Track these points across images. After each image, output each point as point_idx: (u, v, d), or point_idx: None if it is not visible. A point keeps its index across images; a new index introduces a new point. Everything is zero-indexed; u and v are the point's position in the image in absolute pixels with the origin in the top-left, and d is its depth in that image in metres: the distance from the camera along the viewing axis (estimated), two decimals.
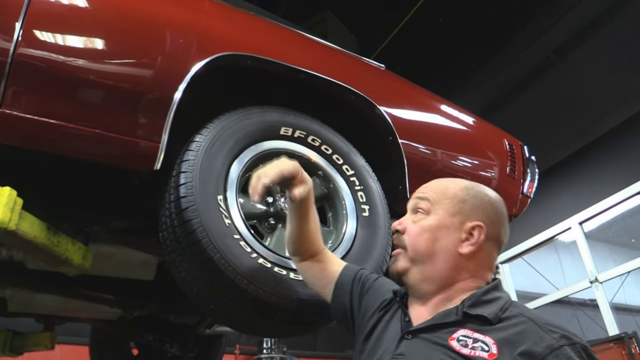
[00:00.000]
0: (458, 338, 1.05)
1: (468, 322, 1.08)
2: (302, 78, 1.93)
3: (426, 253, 1.19)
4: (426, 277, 1.19)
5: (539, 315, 1.07)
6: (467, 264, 1.17)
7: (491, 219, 1.19)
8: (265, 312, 1.51)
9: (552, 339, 0.99)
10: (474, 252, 1.17)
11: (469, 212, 1.19)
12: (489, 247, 1.18)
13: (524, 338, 1.00)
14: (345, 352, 8.89)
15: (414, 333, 1.13)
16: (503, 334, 1.03)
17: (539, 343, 0.98)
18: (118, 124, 1.56)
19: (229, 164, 1.67)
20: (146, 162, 1.59)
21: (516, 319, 1.05)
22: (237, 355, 7.40)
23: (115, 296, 2.43)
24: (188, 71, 1.69)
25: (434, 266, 1.18)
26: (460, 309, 1.10)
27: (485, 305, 1.10)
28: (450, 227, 1.19)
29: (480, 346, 1.02)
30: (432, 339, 1.09)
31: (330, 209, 1.90)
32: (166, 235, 1.58)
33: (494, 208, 1.21)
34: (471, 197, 1.21)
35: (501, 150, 2.56)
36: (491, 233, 1.18)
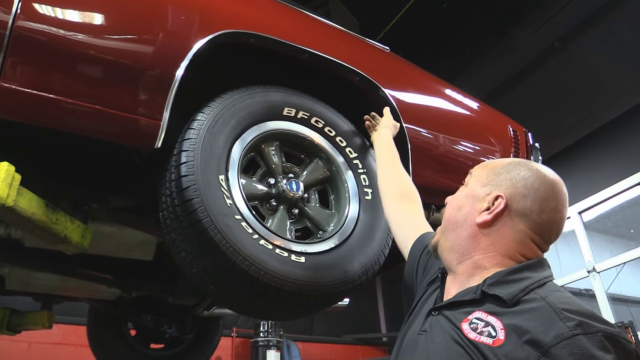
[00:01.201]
0: (471, 320, 1.01)
1: (487, 302, 1.03)
2: (305, 58, 1.89)
3: (451, 221, 1.19)
4: (449, 246, 1.18)
5: (565, 299, 0.97)
6: (486, 235, 1.12)
7: (521, 193, 1.11)
8: (266, 294, 1.49)
9: (565, 326, 0.90)
10: (490, 223, 1.12)
11: (498, 184, 1.15)
12: (515, 222, 1.11)
13: (534, 324, 0.93)
14: (342, 337, 8.95)
15: (439, 309, 1.11)
16: (515, 318, 0.96)
17: (548, 331, 0.91)
18: (118, 100, 1.53)
19: (231, 143, 1.65)
20: (147, 140, 1.56)
21: (535, 302, 0.98)
22: (234, 338, 7.43)
23: (114, 276, 2.42)
24: (190, 48, 1.66)
25: (455, 234, 1.17)
26: (480, 287, 1.05)
27: (507, 285, 1.03)
28: (477, 197, 1.17)
29: (488, 331, 0.97)
30: (451, 317, 1.06)
31: (333, 191, 1.88)
32: (166, 215, 1.56)
33: (529, 183, 1.12)
34: (507, 171, 1.16)
35: (505, 136, 2.53)
36: (518, 207, 1.11)
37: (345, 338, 9.00)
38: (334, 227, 1.76)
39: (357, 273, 1.64)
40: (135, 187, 1.91)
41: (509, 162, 1.20)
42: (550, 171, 1.17)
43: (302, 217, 1.78)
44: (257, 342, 6.95)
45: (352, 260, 1.66)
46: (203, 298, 2.73)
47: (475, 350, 0.96)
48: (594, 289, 5.83)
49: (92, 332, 3.33)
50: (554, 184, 1.13)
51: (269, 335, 6.96)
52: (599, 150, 6.45)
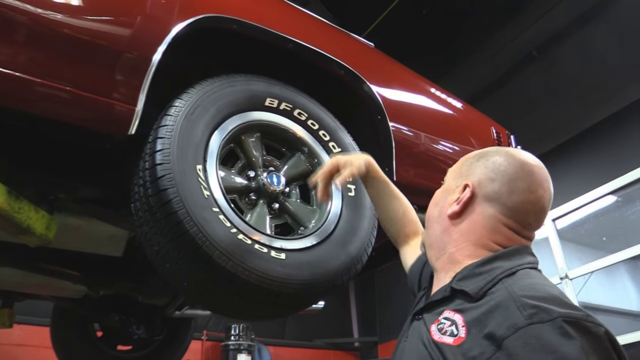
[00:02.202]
0: (440, 320, 0.96)
1: (456, 299, 0.97)
2: (289, 48, 1.82)
3: (429, 217, 1.16)
4: (429, 243, 1.15)
5: (530, 287, 0.90)
6: (457, 226, 1.07)
7: (489, 177, 1.05)
8: (243, 291, 1.41)
9: (520, 315, 0.83)
10: (459, 213, 1.06)
11: (469, 173, 1.10)
12: (483, 207, 1.04)
13: (492, 317, 0.86)
14: (314, 341, 8.87)
15: (420, 313, 1.05)
16: (477, 312, 0.89)
17: (503, 322, 0.84)
18: (91, 82, 1.43)
19: (210, 132, 1.57)
20: (120, 126, 1.46)
21: (497, 293, 0.90)
22: (204, 341, 7.29)
23: (80, 272, 2.30)
24: (168, 32, 1.57)
25: (432, 230, 1.14)
26: (450, 283, 1.00)
27: (474, 278, 0.96)
28: (450, 191, 1.12)
29: (451, 330, 0.91)
30: (426, 320, 1.00)
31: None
32: (139, 206, 1.47)
33: (496, 165, 1.06)
34: (477, 159, 1.11)
35: (488, 138, 2.50)
36: (486, 192, 1.04)
37: (317, 342, 8.93)
38: (315, 224, 1.69)
39: (339, 271, 1.57)
40: (106, 176, 1.81)
41: (481, 151, 1.15)
42: (524, 153, 1.10)
43: (283, 212, 1.71)
44: (228, 345, 6.84)
45: (334, 258, 1.59)
46: (174, 297, 2.63)
47: (438, 351, 0.91)
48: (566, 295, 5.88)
49: (55, 333, 3.19)
50: (524, 163, 1.05)
51: (240, 339, 6.86)
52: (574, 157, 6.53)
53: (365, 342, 9.46)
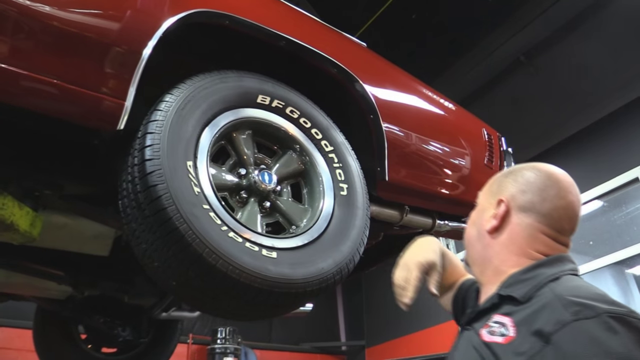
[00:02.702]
0: (490, 325, 1.02)
1: (504, 305, 1.04)
2: (282, 45, 1.80)
3: (469, 237, 1.25)
4: (472, 261, 1.23)
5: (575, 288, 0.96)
6: (497, 239, 1.15)
7: (520, 189, 1.14)
8: (234, 290, 1.38)
9: (566, 312, 0.88)
10: (498, 227, 1.15)
11: (501, 190, 1.19)
12: (520, 218, 1.12)
13: (540, 315, 0.92)
14: (300, 344, 8.83)
15: (469, 323, 1.12)
16: (524, 313, 0.96)
17: (550, 320, 0.89)
18: (79, 76, 1.39)
19: (201, 128, 1.54)
20: (108, 121, 1.42)
21: (544, 295, 0.97)
22: (190, 344, 7.22)
23: (65, 272, 2.25)
24: (159, 26, 1.54)
25: (474, 248, 1.22)
26: (497, 291, 1.07)
27: (521, 284, 1.04)
28: (485, 209, 1.21)
29: (501, 331, 0.98)
30: (476, 327, 1.07)
31: (306, 185, 1.79)
32: (127, 203, 1.43)
33: (525, 178, 1.15)
34: (505, 176, 1.21)
35: (480, 140, 2.50)
36: (520, 203, 1.13)
37: (303, 346, 8.89)
38: (307, 223, 1.66)
39: (331, 272, 1.55)
40: (93, 173, 1.77)
41: (508, 169, 1.25)
42: (548, 165, 1.19)
43: (274, 211, 1.68)
44: (214, 349, 6.79)
45: (326, 257, 1.56)
46: (161, 298, 2.58)
47: (488, 351, 0.97)
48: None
49: (38, 335, 3.12)
50: (550, 173, 1.15)
51: (227, 342, 6.81)
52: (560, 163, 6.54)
53: (352, 346, 9.44)
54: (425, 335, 7.94)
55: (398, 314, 8.64)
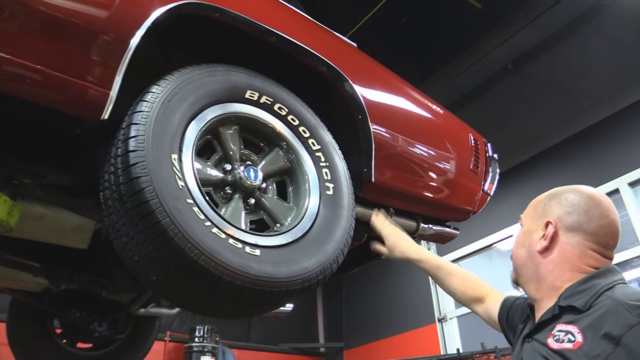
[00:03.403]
0: (554, 334, 1.13)
1: (564, 315, 1.15)
2: (272, 41, 1.78)
3: (519, 258, 1.35)
4: (525, 280, 1.33)
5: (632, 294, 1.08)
6: (549, 258, 1.26)
7: (566, 211, 1.26)
8: (216, 287, 1.36)
9: (630, 315, 1.00)
10: (549, 247, 1.26)
11: (545, 213, 1.30)
12: (569, 238, 1.24)
13: (605, 320, 1.03)
14: (279, 345, 8.79)
15: (530, 335, 1.24)
16: (588, 320, 1.07)
17: (616, 323, 1.01)
18: (64, 63, 1.35)
19: (187, 121, 1.51)
20: (92, 110, 1.39)
21: (603, 302, 1.08)
22: (167, 342, 7.15)
23: (42, 264, 2.19)
24: (148, 16, 1.51)
25: (526, 268, 1.32)
26: (557, 303, 1.18)
27: (579, 294, 1.15)
28: (532, 231, 1.32)
29: (568, 337, 1.08)
30: (539, 338, 1.18)
31: (292, 184, 1.77)
32: (108, 195, 1.40)
33: (569, 200, 1.27)
34: (549, 199, 1.32)
35: (466, 145, 2.50)
36: (568, 224, 1.25)
37: (282, 346, 8.86)
38: (291, 221, 1.65)
39: (314, 271, 1.53)
40: (75, 163, 1.73)
41: (549, 192, 1.36)
42: (586, 187, 1.32)
43: (258, 208, 1.66)
44: (192, 347, 6.72)
45: (310, 257, 1.55)
46: (140, 294, 2.54)
47: (559, 357, 1.07)
48: None
49: (12, 329, 3.04)
50: (591, 195, 1.28)
51: (205, 341, 6.75)
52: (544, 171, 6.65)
53: (330, 347, 9.42)
54: (402, 339, 7.96)
55: (377, 317, 8.66)
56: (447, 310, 7.52)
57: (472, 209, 2.50)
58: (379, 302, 8.67)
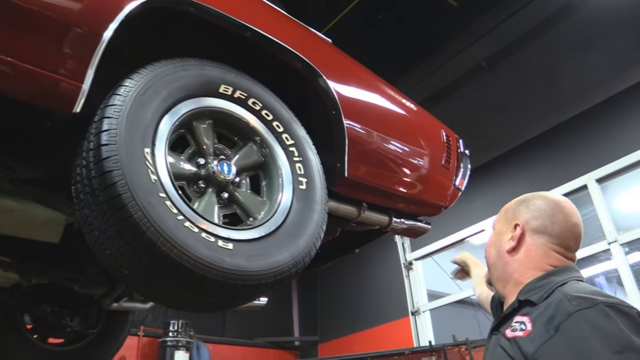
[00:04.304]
0: (512, 325, 1.25)
1: (522, 308, 1.27)
2: (247, 36, 1.78)
3: (490, 258, 1.47)
4: (495, 278, 1.45)
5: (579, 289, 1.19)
6: (515, 257, 1.37)
7: (533, 215, 1.37)
8: (188, 281, 1.37)
9: (570, 305, 1.11)
10: (516, 246, 1.37)
11: (514, 216, 1.42)
12: (534, 239, 1.36)
13: (551, 310, 1.15)
14: (254, 339, 8.79)
15: (496, 328, 1.36)
16: (538, 311, 1.19)
17: (558, 312, 1.12)
18: (36, 55, 1.34)
19: (161, 115, 1.51)
20: (64, 103, 1.38)
21: (553, 296, 1.20)
22: (141, 337, 7.09)
23: (12, 259, 2.17)
24: (121, 9, 1.50)
25: (496, 267, 1.44)
26: (517, 298, 1.30)
27: (536, 290, 1.27)
28: (502, 233, 1.44)
29: (520, 327, 1.20)
30: (501, 330, 1.30)
31: (265, 178, 1.79)
32: (80, 188, 1.39)
33: (536, 206, 1.38)
34: (518, 205, 1.44)
35: (438, 141, 2.55)
36: (534, 227, 1.36)
37: (257, 341, 8.87)
38: (264, 215, 1.66)
39: (287, 265, 1.55)
40: (45, 156, 1.71)
41: (519, 198, 1.47)
42: (553, 194, 1.44)
43: (232, 202, 1.67)
44: (166, 342, 6.67)
45: (282, 250, 1.56)
46: (112, 289, 2.53)
47: (512, 344, 1.20)
48: None
49: None
50: (557, 202, 1.39)
51: (179, 335, 6.70)
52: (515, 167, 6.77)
53: (305, 341, 9.47)
54: (376, 332, 8.04)
55: (351, 311, 8.72)
56: (420, 303, 7.61)
57: (443, 203, 2.55)
58: (354, 296, 8.74)
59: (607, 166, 5.83)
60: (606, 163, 5.84)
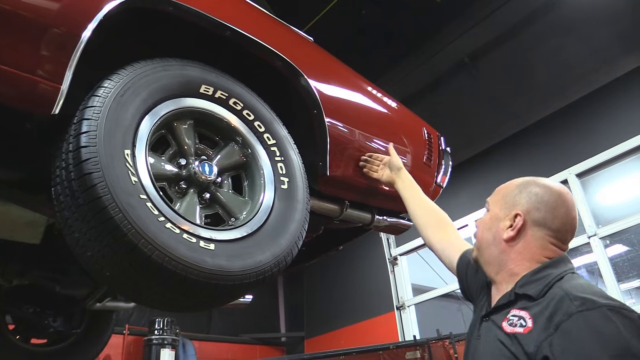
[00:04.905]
0: (509, 318, 1.25)
1: (519, 301, 1.27)
2: (227, 35, 1.78)
3: (483, 240, 1.44)
4: (486, 261, 1.43)
5: (578, 286, 1.19)
6: (513, 247, 1.36)
7: (535, 207, 1.35)
8: (170, 282, 1.37)
9: (572, 305, 1.11)
10: (515, 237, 1.36)
11: (514, 203, 1.39)
12: (534, 231, 1.34)
13: (553, 308, 1.15)
14: (240, 336, 8.79)
15: (488, 315, 1.36)
16: (539, 307, 1.19)
17: (559, 311, 1.12)
18: (13, 57, 1.33)
19: (141, 116, 1.50)
20: (43, 105, 1.37)
21: (554, 292, 1.20)
22: (126, 335, 7.05)
23: None
24: (100, 9, 1.49)
25: (489, 251, 1.42)
26: (513, 289, 1.30)
27: (533, 283, 1.27)
28: (500, 218, 1.40)
29: (520, 322, 1.20)
30: (495, 320, 1.30)
31: (247, 178, 1.79)
32: (60, 190, 1.39)
33: (539, 197, 1.36)
34: (520, 191, 1.40)
35: (420, 138, 2.57)
36: (535, 219, 1.34)
37: (243, 337, 8.86)
38: (246, 215, 1.67)
39: (268, 264, 1.56)
40: (25, 158, 1.70)
41: (519, 182, 1.44)
42: (555, 183, 1.41)
43: (213, 202, 1.67)
44: (151, 340, 6.65)
45: (264, 250, 1.57)
46: (95, 289, 2.51)
47: (512, 340, 1.19)
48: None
49: None
50: (560, 193, 1.37)
51: (164, 333, 6.69)
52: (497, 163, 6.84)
53: (292, 337, 9.48)
54: (362, 327, 8.09)
55: (337, 306, 8.76)
56: (406, 298, 7.67)
57: None
58: (340, 291, 8.77)
59: (586, 161, 5.92)
60: (586, 158, 5.93)
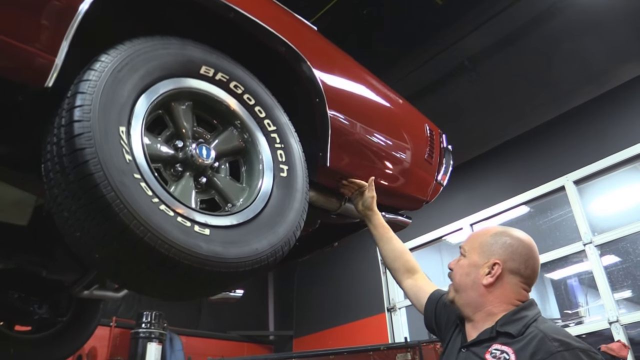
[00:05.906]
0: (492, 351, 1.45)
1: (500, 337, 1.46)
2: (231, 17, 1.72)
3: (462, 284, 1.62)
4: (464, 303, 1.61)
5: (554, 329, 1.42)
6: (491, 292, 1.55)
7: (510, 257, 1.56)
8: (161, 266, 1.31)
9: (552, 346, 1.34)
10: (494, 283, 1.55)
11: (492, 253, 1.58)
12: (510, 279, 1.55)
13: (533, 347, 1.36)
14: (228, 332, 8.72)
15: (467, 347, 1.55)
16: (521, 344, 1.40)
17: (542, 350, 1.34)
18: (7, 26, 1.27)
19: (138, 94, 1.44)
20: (36, 77, 1.31)
21: (533, 332, 1.41)
22: (113, 327, 6.97)
23: None
24: None
25: (467, 294, 1.60)
26: (494, 327, 1.49)
27: (513, 323, 1.47)
28: (478, 265, 1.59)
29: (504, 356, 1.40)
30: (476, 351, 1.50)
31: (245, 164, 1.74)
32: (50, 166, 1.32)
33: (514, 248, 1.56)
34: (496, 241, 1.60)
35: (422, 135, 2.52)
36: (511, 268, 1.55)
37: (231, 334, 8.79)
38: (243, 202, 1.61)
39: (265, 253, 1.51)
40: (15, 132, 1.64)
41: (493, 232, 1.64)
42: (523, 235, 1.62)
43: (210, 187, 1.62)
44: (138, 333, 6.56)
45: (261, 238, 1.52)
46: (83, 275, 2.45)
47: None
48: None
49: None
50: (530, 246, 1.59)
51: (152, 327, 6.59)
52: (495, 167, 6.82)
53: (280, 336, 9.42)
54: (352, 328, 8.04)
55: (327, 306, 8.71)
56: (397, 300, 7.62)
57: (425, 198, 2.53)
58: (330, 291, 8.72)
59: (584, 168, 5.89)
60: (584, 165, 5.90)
